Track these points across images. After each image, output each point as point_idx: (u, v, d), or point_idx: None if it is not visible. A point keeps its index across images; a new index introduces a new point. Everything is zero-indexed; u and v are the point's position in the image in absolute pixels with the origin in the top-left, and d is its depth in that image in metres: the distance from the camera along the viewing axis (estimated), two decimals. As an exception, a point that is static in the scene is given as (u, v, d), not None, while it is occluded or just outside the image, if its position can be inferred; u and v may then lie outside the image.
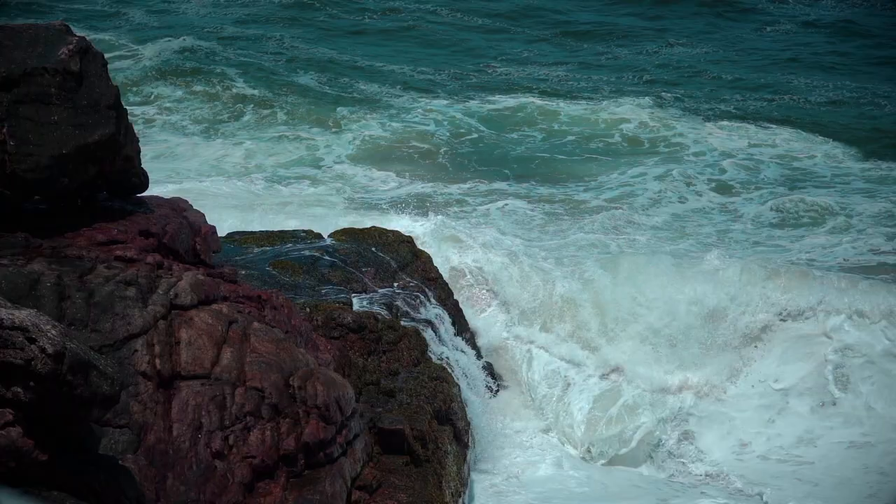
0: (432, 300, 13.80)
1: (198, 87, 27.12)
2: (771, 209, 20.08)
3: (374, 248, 14.14)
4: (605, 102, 27.44)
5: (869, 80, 30.62)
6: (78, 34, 9.69)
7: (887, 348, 14.60)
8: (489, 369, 14.70)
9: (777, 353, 14.88)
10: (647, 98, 27.80)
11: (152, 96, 26.40)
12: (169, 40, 30.64)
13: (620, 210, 19.78)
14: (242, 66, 29.06)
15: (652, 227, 19.08)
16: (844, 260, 17.32)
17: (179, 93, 26.72)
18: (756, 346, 14.92)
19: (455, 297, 14.70)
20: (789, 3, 39.59)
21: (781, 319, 15.00)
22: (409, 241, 14.71)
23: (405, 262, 14.14)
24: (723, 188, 21.31)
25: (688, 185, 21.40)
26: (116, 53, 28.92)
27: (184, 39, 30.90)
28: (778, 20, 38.05)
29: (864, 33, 35.86)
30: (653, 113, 26.36)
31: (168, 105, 25.87)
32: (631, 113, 26.19)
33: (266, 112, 25.65)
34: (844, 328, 14.78)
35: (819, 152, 23.72)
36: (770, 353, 14.92)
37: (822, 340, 14.88)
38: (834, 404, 14.38)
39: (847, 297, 15.03)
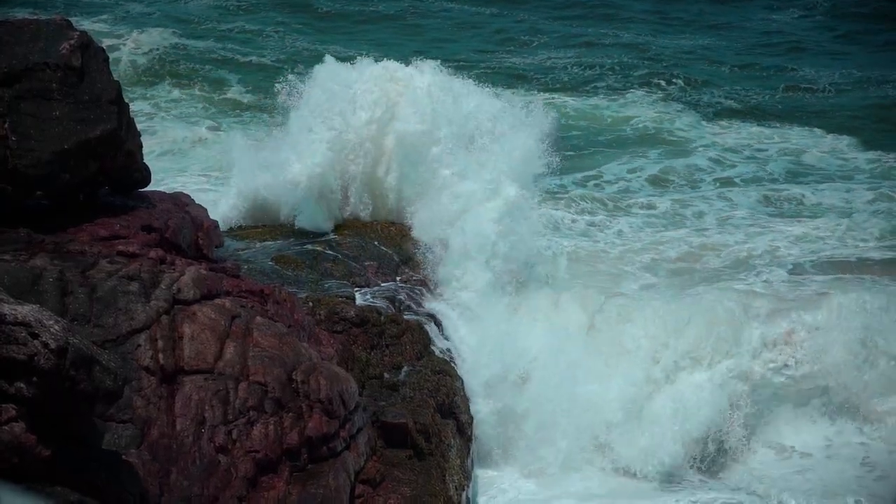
0: (435, 294, 13.79)
1: (195, 85, 27.03)
2: (768, 204, 19.94)
3: (376, 242, 14.12)
4: (610, 96, 27.42)
5: (874, 65, 30.55)
6: (79, 30, 9.71)
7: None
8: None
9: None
10: (650, 92, 27.79)
11: (148, 94, 26.31)
12: (165, 33, 30.56)
13: (616, 202, 19.70)
14: (241, 64, 28.99)
15: (649, 215, 19.00)
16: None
17: (176, 92, 26.61)
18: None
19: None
20: None
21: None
22: (411, 234, 14.68)
23: (407, 255, 14.13)
24: (725, 182, 21.17)
25: (690, 177, 21.36)
26: (113, 42, 28.85)
27: (181, 35, 30.84)
28: (782, 4, 37.95)
29: (869, 15, 35.77)
30: (656, 108, 26.35)
31: (164, 104, 25.75)
32: (635, 108, 26.18)
33: (265, 115, 25.55)
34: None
35: (823, 144, 23.60)
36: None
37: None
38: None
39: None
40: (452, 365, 12.51)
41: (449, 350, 12.87)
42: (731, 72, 30.32)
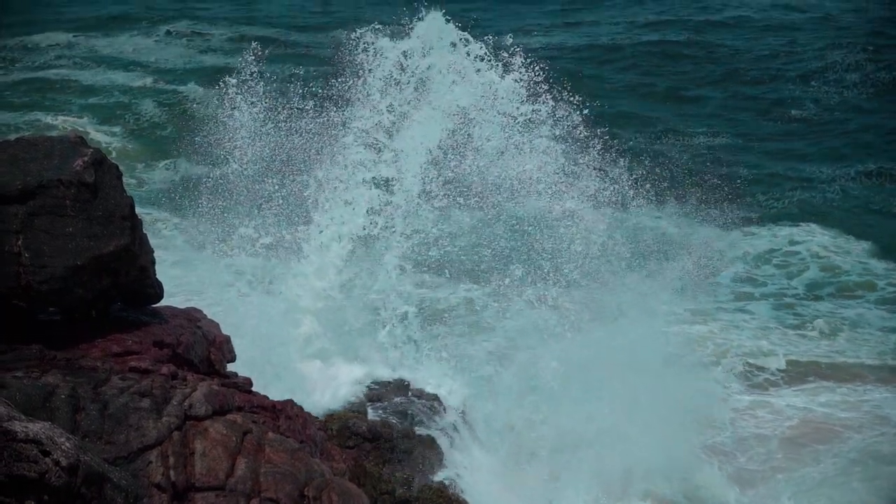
0: (447, 408, 13.70)
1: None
2: (782, 316, 19.95)
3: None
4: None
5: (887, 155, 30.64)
6: (92, 147, 9.80)
7: None
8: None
9: None
10: (663, 204, 27.68)
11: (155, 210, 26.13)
12: (176, 163, 30.37)
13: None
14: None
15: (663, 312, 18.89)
16: None
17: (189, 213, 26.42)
18: None
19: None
20: (813, 85, 39.34)
21: None
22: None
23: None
24: (740, 295, 21.10)
25: (709, 284, 21.29)
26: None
27: (192, 161, 30.74)
28: (798, 101, 37.95)
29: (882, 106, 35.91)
30: (673, 218, 26.21)
31: (175, 219, 25.59)
32: (650, 220, 26.08)
33: None
34: None
35: (837, 249, 23.56)
36: None
37: None
38: None
39: None
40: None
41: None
42: (750, 179, 29.80)
